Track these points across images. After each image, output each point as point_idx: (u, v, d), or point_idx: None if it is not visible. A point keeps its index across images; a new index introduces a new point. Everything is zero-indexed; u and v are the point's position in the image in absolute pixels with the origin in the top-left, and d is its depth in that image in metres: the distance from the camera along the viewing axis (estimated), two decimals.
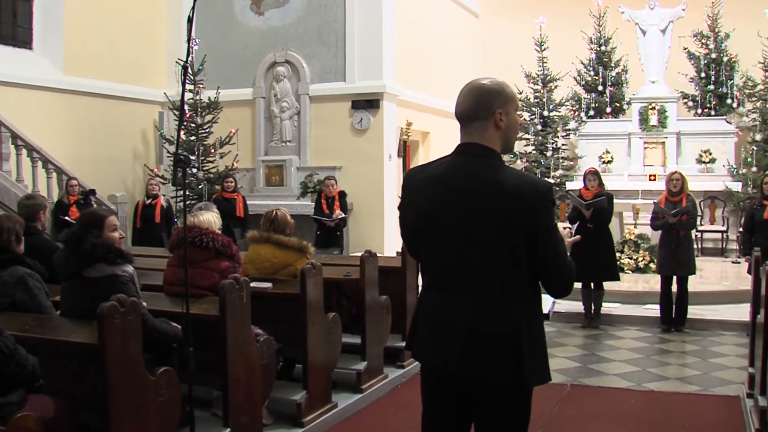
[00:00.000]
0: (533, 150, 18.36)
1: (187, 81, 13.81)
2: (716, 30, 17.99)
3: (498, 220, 2.97)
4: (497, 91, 3.10)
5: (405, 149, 15.22)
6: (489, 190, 2.99)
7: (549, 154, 18.15)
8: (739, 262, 13.55)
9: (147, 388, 4.34)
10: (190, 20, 4.47)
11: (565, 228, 3.43)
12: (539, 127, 18.35)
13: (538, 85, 18.67)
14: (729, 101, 17.60)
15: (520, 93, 18.40)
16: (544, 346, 3.17)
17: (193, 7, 4.52)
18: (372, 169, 14.34)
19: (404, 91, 15.10)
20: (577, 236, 3.51)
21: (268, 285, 6.19)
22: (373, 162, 14.34)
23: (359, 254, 7.08)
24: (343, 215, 12.58)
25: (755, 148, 16.20)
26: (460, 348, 3.02)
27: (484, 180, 3.01)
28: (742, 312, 9.07)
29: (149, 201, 12.87)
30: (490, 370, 3.00)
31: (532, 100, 18.62)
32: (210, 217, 5.93)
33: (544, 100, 18.41)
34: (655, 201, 9.92)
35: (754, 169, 15.85)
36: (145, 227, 12.76)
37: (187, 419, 4.58)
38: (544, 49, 18.61)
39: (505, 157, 3.25)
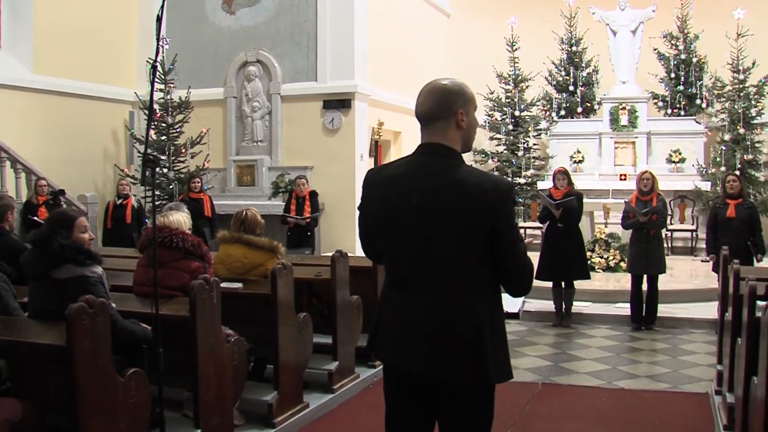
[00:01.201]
0: (504, 150, 18.41)
1: (157, 80, 13.90)
2: (686, 31, 18.13)
3: (460, 220, 2.99)
4: (458, 91, 3.13)
5: (377, 149, 15.23)
6: (451, 189, 3.01)
7: (520, 153, 18.21)
8: (707, 261, 13.65)
9: (116, 389, 4.32)
10: (159, 19, 4.45)
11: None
12: (510, 127, 18.40)
13: (509, 85, 18.71)
14: (698, 102, 17.75)
15: (492, 93, 18.51)
16: (506, 344, 3.18)
17: (162, 6, 4.50)
18: (344, 169, 14.33)
19: (376, 91, 15.09)
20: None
21: (239, 285, 6.18)
22: (345, 162, 14.33)
23: (331, 254, 7.08)
24: (308, 219, 12.50)
25: (724, 148, 16.35)
26: (423, 347, 3.04)
27: (446, 179, 3.03)
28: (711, 310, 9.15)
29: (120, 201, 12.79)
30: (452, 368, 3.02)
31: (503, 100, 18.67)
32: (180, 218, 5.90)
33: (516, 100, 18.47)
34: (626, 200, 9.99)
35: (723, 168, 15.97)
36: (115, 227, 12.67)
37: (157, 420, 4.56)
38: (516, 49, 18.68)
39: (476, 157, 3.28)
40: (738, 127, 16.25)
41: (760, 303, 4.78)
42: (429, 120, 3.12)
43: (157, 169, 13.47)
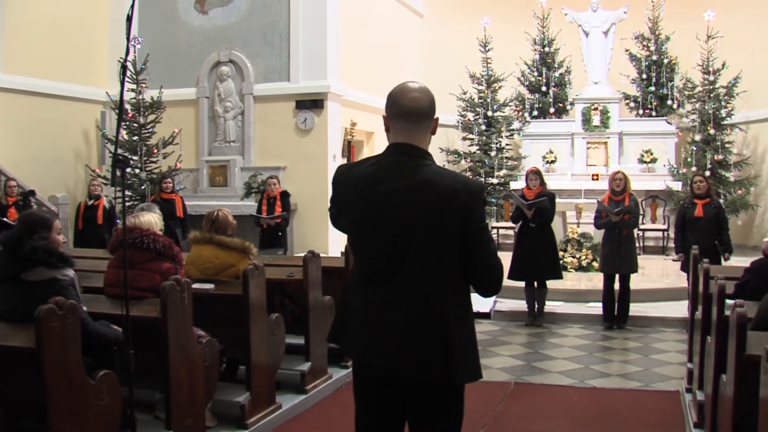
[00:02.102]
0: (477, 150, 18.47)
1: (129, 80, 13.81)
2: (657, 32, 18.31)
3: (432, 220, 3.02)
4: (433, 98, 3.20)
5: (349, 149, 15.23)
6: (423, 189, 3.04)
7: (493, 154, 18.27)
8: (678, 260, 13.77)
9: (87, 392, 4.29)
10: (129, 19, 4.42)
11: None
12: (483, 127, 18.47)
13: (482, 85, 18.78)
14: (669, 102, 17.92)
15: (465, 93, 18.58)
16: (475, 343, 3.20)
17: (132, 6, 4.47)
18: (316, 169, 14.31)
19: (348, 91, 15.09)
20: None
21: (211, 286, 6.15)
22: (318, 162, 14.30)
23: (303, 254, 7.07)
24: (279, 219, 12.47)
25: (695, 149, 16.52)
26: (392, 345, 3.05)
27: (418, 180, 3.06)
28: (682, 309, 9.23)
29: (91, 202, 12.69)
30: (421, 367, 3.03)
31: (476, 101, 18.74)
32: (151, 218, 5.87)
33: (488, 100, 18.54)
34: (599, 200, 10.06)
35: (693, 168, 16.13)
36: (87, 228, 12.57)
37: (129, 423, 4.54)
38: (489, 50, 18.74)
39: (449, 157, 3.32)
40: (708, 128, 16.41)
41: (728, 301, 4.83)
42: (419, 117, 3.15)
43: (129, 170, 13.47)
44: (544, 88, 19.03)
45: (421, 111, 3.15)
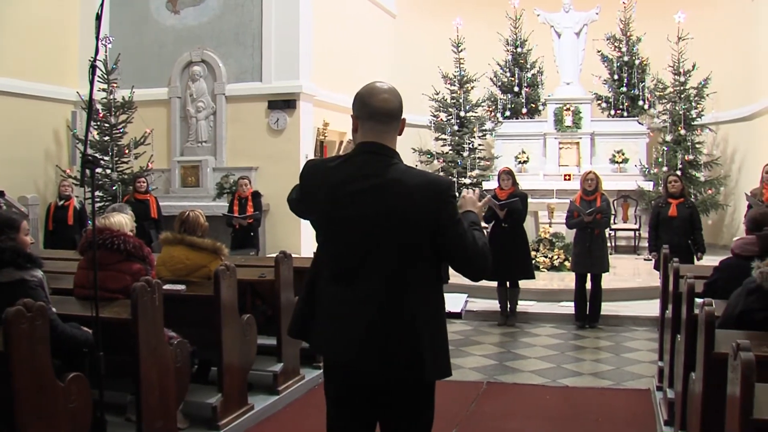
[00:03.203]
0: (450, 150, 18.52)
1: (100, 80, 13.72)
2: (628, 34, 18.45)
3: (402, 219, 3.05)
4: (402, 99, 3.25)
5: (322, 149, 15.20)
6: (393, 188, 3.06)
7: (465, 154, 18.30)
8: (650, 260, 13.88)
9: (56, 394, 4.26)
10: (98, 18, 4.39)
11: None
12: (456, 128, 18.50)
13: (454, 85, 18.81)
14: (641, 103, 18.06)
15: (437, 93, 18.61)
16: (446, 341, 3.22)
17: (101, 5, 4.44)
18: (289, 170, 14.18)
19: (321, 92, 15.06)
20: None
21: (182, 287, 6.13)
22: (290, 162, 14.22)
23: (275, 255, 7.05)
24: (251, 219, 12.45)
25: (666, 149, 16.66)
26: (362, 343, 3.06)
27: (388, 179, 3.08)
28: (653, 308, 9.28)
29: (61, 202, 12.59)
30: (390, 364, 3.05)
31: (448, 101, 18.78)
32: (121, 219, 5.84)
33: (461, 100, 18.58)
34: (571, 199, 10.11)
35: (665, 168, 16.28)
36: (57, 229, 12.47)
37: (99, 425, 4.51)
38: (461, 50, 18.77)
39: (422, 157, 3.36)
40: (679, 128, 16.55)
41: (698, 300, 4.86)
42: (389, 118, 3.18)
43: (100, 170, 13.38)
44: (516, 89, 19.11)
45: (391, 112, 3.17)
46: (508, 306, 10.17)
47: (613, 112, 18.46)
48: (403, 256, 3.07)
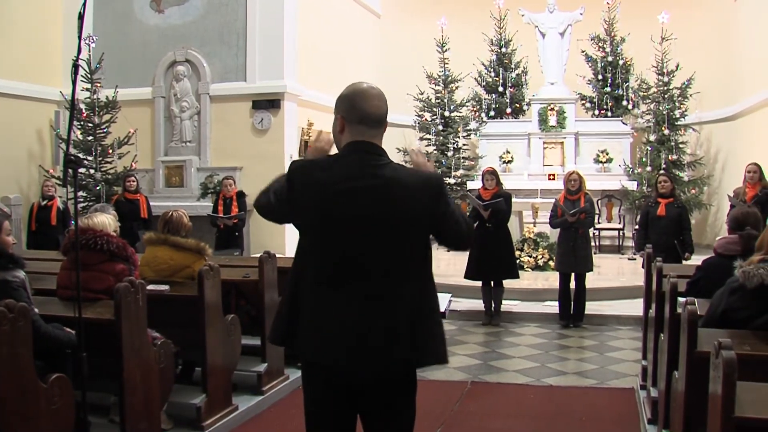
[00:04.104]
0: (434, 150, 18.54)
1: (83, 79, 13.67)
2: (612, 34, 18.50)
3: (404, 218, 3.10)
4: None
5: (306, 149, 15.15)
6: (394, 189, 3.10)
7: (450, 154, 18.35)
8: (635, 259, 13.97)
9: (39, 396, 4.24)
10: (81, 17, 4.37)
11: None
12: (440, 127, 18.53)
13: (439, 85, 18.86)
14: (624, 103, 18.10)
15: (422, 93, 18.63)
16: (441, 327, 3.29)
17: (84, 4, 4.42)
18: (273, 169, 13.95)
19: (305, 91, 15.04)
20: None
21: (165, 287, 6.11)
22: (275, 162, 14.18)
23: (259, 255, 7.04)
24: (236, 219, 12.44)
25: (649, 149, 16.75)
26: (360, 342, 3.06)
27: (387, 179, 3.10)
28: (637, 307, 9.32)
29: (45, 203, 12.50)
30: (389, 360, 3.09)
31: (433, 101, 18.82)
32: (104, 219, 5.81)
33: (446, 100, 18.61)
34: (555, 198, 10.14)
35: (648, 168, 16.39)
36: (40, 230, 12.38)
37: (82, 426, 4.49)
38: (446, 50, 18.81)
39: (406, 157, 3.38)
40: (663, 128, 16.64)
41: (681, 299, 4.88)
42: (380, 123, 3.22)
43: (83, 170, 13.32)
44: (500, 89, 19.13)
45: (381, 118, 3.22)
46: (493, 305, 10.19)
47: (597, 112, 18.52)
48: (400, 254, 3.12)
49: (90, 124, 14.08)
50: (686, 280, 5.65)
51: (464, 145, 18.86)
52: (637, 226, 11.05)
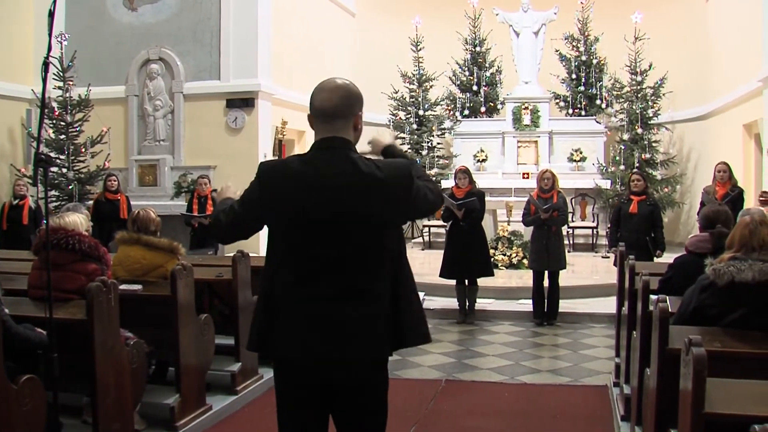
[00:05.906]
0: (409, 149, 18.53)
1: (55, 77, 13.57)
2: (586, 34, 18.61)
3: (381, 213, 3.11)
4: (358, 94, 3.23)
5: (280, 148, 15.15)
6: (370, 185, 3.09)
7: (424, 152, 18.39)
8: (608, 257, 14.02)
9: (9, 397, 4.20)
10: (51, 14, 4.34)
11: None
12: (414, 126, 18.59)
13: (413, 84, 18.90)
14: (598, 102, 18.25)
15: (396, 92, 18.66)
16: (422, 309, 3.39)
17: (54, 1, 4.39)
18: (247, 169, 13.96)
19: (279, 90, 15.01)
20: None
21: (138, 287, 6.07)
22: (248, 161, 14.11)
23: (233, 254, 7.02)
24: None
25: (623, 147, 16.86)
26: (340, 339, 3.08)
27: (361, 175, 3.09)
28: (610, 305, 9.33)
29: (16, 202, 12.41)
30: (366, 347, 3.12)
31: (407, 100, 18.86)
32: (76, 219, 5.76)
33: (420, 99, 18.66)
34: (529, 194, 10.17)
35: (622, 167, 16.50)
36: (11, 229, 12.29)
37: (53, 428, 4.45)
38: (420, 49, 18.86)
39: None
40: (636, 127, 16.76)
41: (653, 297, 4.91)
42: (331, 117, 3.16)
43: (56, 169, 13.23)
44: (475, 88, 19.20)
45: (332, 111, 3.16)
46: (467, 304, 10.21)
47: (571, 111, 18.63)
48: (377, 247, 3.14)
49: (62, 123, 13.98)
50: (658, 278, 5.69)
51: (439, 144, 18.90)
52: (609, 224, 11.11)
